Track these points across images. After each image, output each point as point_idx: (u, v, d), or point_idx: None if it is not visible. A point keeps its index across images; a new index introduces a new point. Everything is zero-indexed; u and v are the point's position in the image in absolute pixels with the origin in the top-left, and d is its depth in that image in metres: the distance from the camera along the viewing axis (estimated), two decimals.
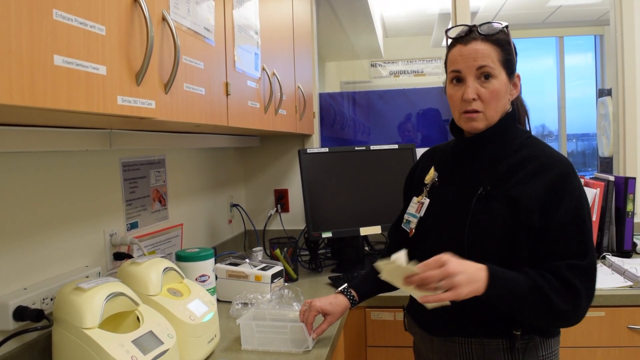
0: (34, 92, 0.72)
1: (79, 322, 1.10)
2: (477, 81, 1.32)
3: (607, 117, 3.07)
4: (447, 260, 1.17)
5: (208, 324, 1.39)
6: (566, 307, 1.22)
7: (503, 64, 1.33)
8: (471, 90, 1.31)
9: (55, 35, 0.76)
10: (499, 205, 1.30)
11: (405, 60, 5.26)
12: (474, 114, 1.33)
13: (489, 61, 1.31)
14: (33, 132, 1.22)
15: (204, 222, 2.33)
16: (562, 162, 1.31)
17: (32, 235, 1.30)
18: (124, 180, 1.69)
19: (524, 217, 1.27)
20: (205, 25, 1.33)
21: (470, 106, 1.33)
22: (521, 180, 1.31)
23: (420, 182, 1.54)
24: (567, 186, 1.27)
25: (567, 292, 1.22)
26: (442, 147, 1.58)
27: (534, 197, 1.27)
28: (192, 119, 1.26)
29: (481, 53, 1.32)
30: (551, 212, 1.26)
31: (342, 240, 2.37)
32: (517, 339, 1.30)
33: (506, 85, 1.34)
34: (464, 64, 1.33)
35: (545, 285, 1.21)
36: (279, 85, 1.92)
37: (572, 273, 1.23)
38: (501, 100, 1.34)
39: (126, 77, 0.94)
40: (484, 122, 1.34)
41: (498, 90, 1.32)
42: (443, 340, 1.40)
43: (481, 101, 1.32)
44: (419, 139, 2.92)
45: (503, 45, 1.34)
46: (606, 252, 2.32)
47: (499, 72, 1.32)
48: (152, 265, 1.39)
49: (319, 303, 1.50)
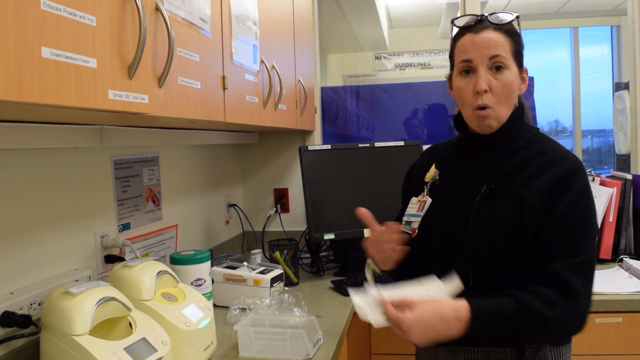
0: (20, 86, 0.72)
1: (69, 328, 1.09)
2: (489, 72, 1.31)
3: (624, 112, 3.06)
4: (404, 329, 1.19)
5: (204, 331, 1.38)
6: (563, 315, 1.21)
7: (514, 56, 1.33)
8: (483, 80, 1.29)
9: (43, 26, 0.76)
10: (503, 204, 1.30)
11: (411, 52, 5.26)
12: (486, 111, 1.31)
13: (502, 51, 1.30)
14: (19, 128, 1.22)
15: (199, 223, 2.33)
16: (569, 159, 1.31)
17: (18, 237, 1.30)
18: (116, 178, 1.69)
19: (529, 215, 1.27)
20: (200, 15, 1.32)
21: (481, 100, 1.30)
22: (527, 178, 1.31)
23: (420, 181, 1.52)
24: (570, 182, 1.27)
25: (559, 295, 1.21)
26: (444, 144, 1.58)
27: (537, 193, 1.28)
28: (187, 114, 1.26)
29: (494, 42, 1.30)
30: (551, 208, 1.26)
31: (345, 242, 2.36)
32: (525, 348, 1.30)
33: (517, 78, 1.34)
34: (476, 52, 1.30)
35: (534, 302, 1.20)
36: (279, 78, 1.92)
37: (565, 271, 1.22)
38: (512, 95, 1.33)
39: (118, 70, 0.94)
40: (495, 120, 1.32)
41: (511, 83, 1.31)
42: (448, 350, 1.39)
43: (492, 94, 1.30)
44: (425, 135, 2.92)
45: (514, 36, 1.34)
46: (623, 254, 2.32)
47: (511, 64, 1.32)
48: (145, 268, 1.38)
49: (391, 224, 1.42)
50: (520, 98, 1.41)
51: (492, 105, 1.31)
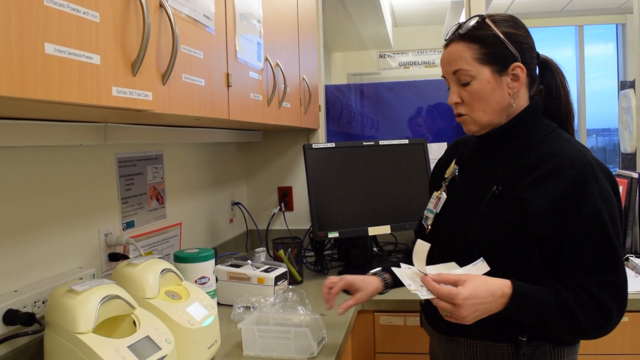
0: (23, 82, 0.71)
1: (72, 326, 1.09)
2: (458, 84, 1.35)
3: (630, 110, 3.05)
4: (460, 302, 1.18)
5: (208, 329, 1.38)
6: (594, 326, 1.23)
7: (484, 61, 1.31)
8: (453, 95, 1.36)
9: (46, 22, 0.75)
10: (508, 207, 1.29)
11: (415, 50, 5.25)
12: (461, 118, 1.38)
13: (462, 63, 1.32)
14: (23, 126, 1.21)
15: (203, 221, 2.32)
16: (579, 164, 1.25)
17: (22, 235, 1.30)
18: (120, 176, 1.68)
19: (533, 226, 1.25)
20: (205, 12, 1.32)
21: (456, 110, 1.38)
22: (533, 182, 1.28)
23: (441, 175, 1.55)
24: (585, 192, 1.23)
25: (598, 311, 1.22)
26: (466, 139, 1.57)
27: (544, 205, 1.24)
28: (191, 111, 1.25)
29: (453, 56, 1.34)
30: (568, 222, 1.23)
31: (350, 241, 2.36)
32: (522, 345, 1.29)
33: (491, 82, 1.31)
34: (444, 69, 1.38)
35: (573, 304, 1.21)
36: (283, 76, 1.91)
37: (602, 291, 1.22)
38: (488, 99, 1.32)
39: (121, 66, 0.93)
40: (473, 124, 1.37)
41: (479, 91, 1.32)
42: (450, 340, 1.41)
43: (464, 104, 1.35)
44: (430, 134, 2.91)
45: (484, 40, 1.31)
46: (629, 253, 2.31)
47: (477, 72, 1.31)
48: (149, 266, 1.38)
49: (350, 276, 1.51)
50: (537, 95, 1.40)
51: (466, 112, 1.36)
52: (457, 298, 1.17)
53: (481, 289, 1.20)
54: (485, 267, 1.27)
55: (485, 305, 1.20)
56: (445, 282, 1.22)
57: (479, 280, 1.21)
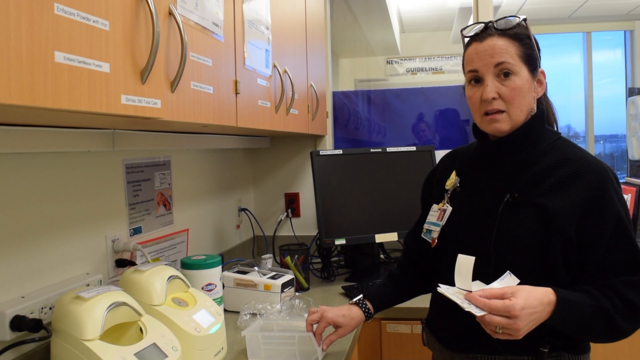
0: (33, 90, 0.71)
1: (79, 333, 1.09)
2: (497, 79, 1.30)
3: (638, 117, 3.03)
4: (518, 313, 1.13)
5: (215, 336, 1.38)
6: (629, 326, 1.23)
7: (524, 59, 1.30)
8: (490, 89, 1.29)
9: (56, 31, 0.75)
10: (527, 214, 1.28)
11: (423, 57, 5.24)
12: (496, 115, 1.30)
13: (508, 57, 1.29)
14: (32, 132, 1.22)
15: (210, 227, 2.32)
16: (596, 169, 1.27)
17: (30, 241, 1.30)
18: (127, 182, 1.69)
19: (558, 230, 1.24)
20: (213, 20, 1.32)
21: (491, 106, 1.30)
22: (552, 188, 1.28)
23: (440, 188, 1.51)
24: (605, 195, 1.24)
25: (630, 311, 1.22)
26: (463, 149, 1.55)
27: (569, 209, 1.24)
28: (199, 119, 1.25)
29: (499, 49, 1.29)
30: (592, 225, 1.24)
31: (357, 248, 2.35)
32: (544, 356, 1.27)
33: (529, 82, 1.31)
34: (481, 61, 1.31)
35: (610, 308, 1.21)
36: (291, 83, 1.92)
37: (629, 290, 1.22)
38: (525, 98, 1.31)
39: (131, 75, 0.93)
40: (507, 122, 1.31)
41: (520, 87, 1.29)
42: (464, 357, 1.37)
43: (502, 100, 1.30)
44: (437, 141, 2.90)
45: (522, 40, 1.31)
46: None
47: (519, 68, 1.30)
48: (156, 273, 1.38)
49: (330, 314, 1.48)
50: (541, 103, 1.39)
51: (505, 109, 1.30)
52: (514, 309, 1.12)
53: (532, 298, 1.16)
54: (514, 279, 1.23)
55: (537, 315, 1.17)
56: (491, 297, 1.16)
57: (525, 290, 1.17)
